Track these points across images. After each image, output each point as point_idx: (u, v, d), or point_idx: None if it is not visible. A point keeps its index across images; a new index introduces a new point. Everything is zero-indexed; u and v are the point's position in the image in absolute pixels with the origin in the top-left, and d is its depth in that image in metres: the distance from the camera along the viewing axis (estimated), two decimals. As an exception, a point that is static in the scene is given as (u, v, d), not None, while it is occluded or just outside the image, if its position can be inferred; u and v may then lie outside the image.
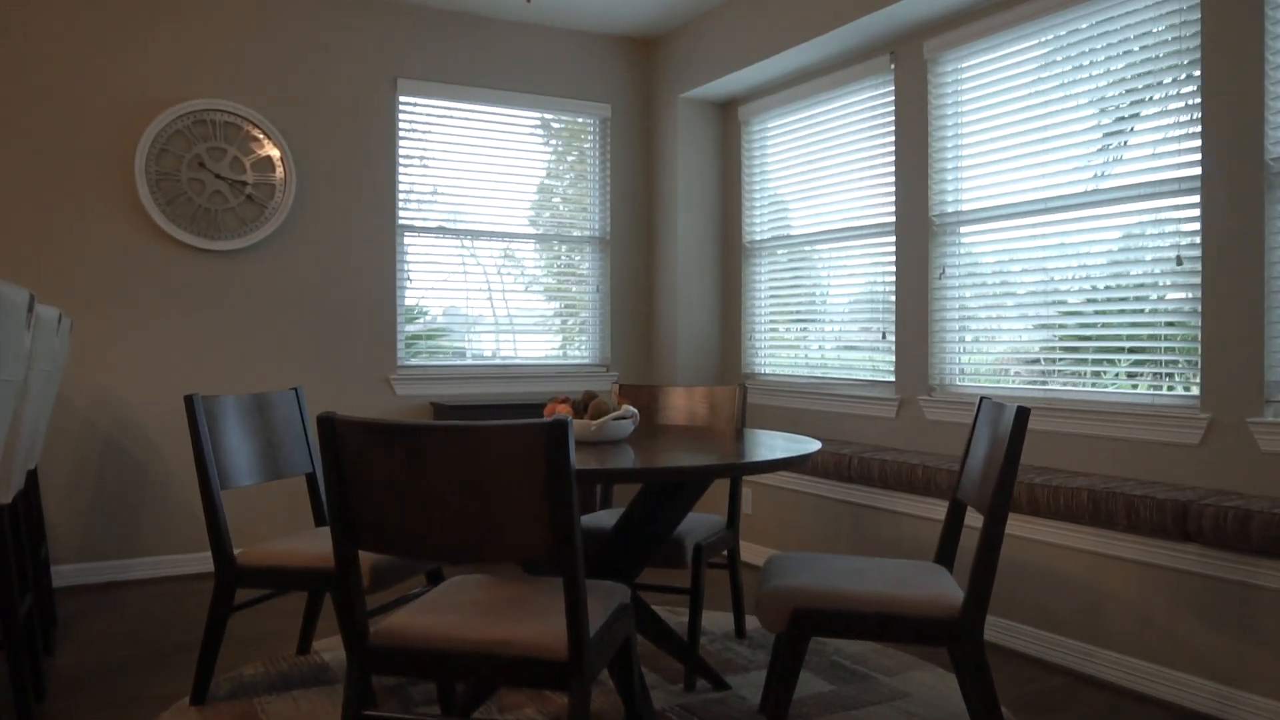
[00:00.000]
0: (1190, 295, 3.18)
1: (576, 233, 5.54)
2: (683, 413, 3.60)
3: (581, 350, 5.56)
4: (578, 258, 5.56)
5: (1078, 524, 3.15)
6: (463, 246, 5.23)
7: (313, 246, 4.80)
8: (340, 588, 2.03)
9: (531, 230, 5.42)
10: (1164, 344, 3.28)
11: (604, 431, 2.65)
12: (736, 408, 3.48)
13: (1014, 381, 3.86)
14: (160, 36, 4.49)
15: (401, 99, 5.04)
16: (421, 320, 5.19)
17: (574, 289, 5.55)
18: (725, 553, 3.37)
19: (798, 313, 5.05)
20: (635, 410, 2.73)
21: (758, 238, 5.33)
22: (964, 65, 4.06)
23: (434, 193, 5.15)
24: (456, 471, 1.88)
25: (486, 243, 5.29)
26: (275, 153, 4.68)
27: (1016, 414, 2.21)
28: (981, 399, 2.65)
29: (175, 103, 4.50)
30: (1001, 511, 2.22)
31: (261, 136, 4.66)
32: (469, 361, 5.25)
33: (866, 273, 4.59)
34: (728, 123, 5.52)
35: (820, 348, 4.91)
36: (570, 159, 5.55)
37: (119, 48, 4.42)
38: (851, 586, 2.30)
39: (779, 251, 5.19)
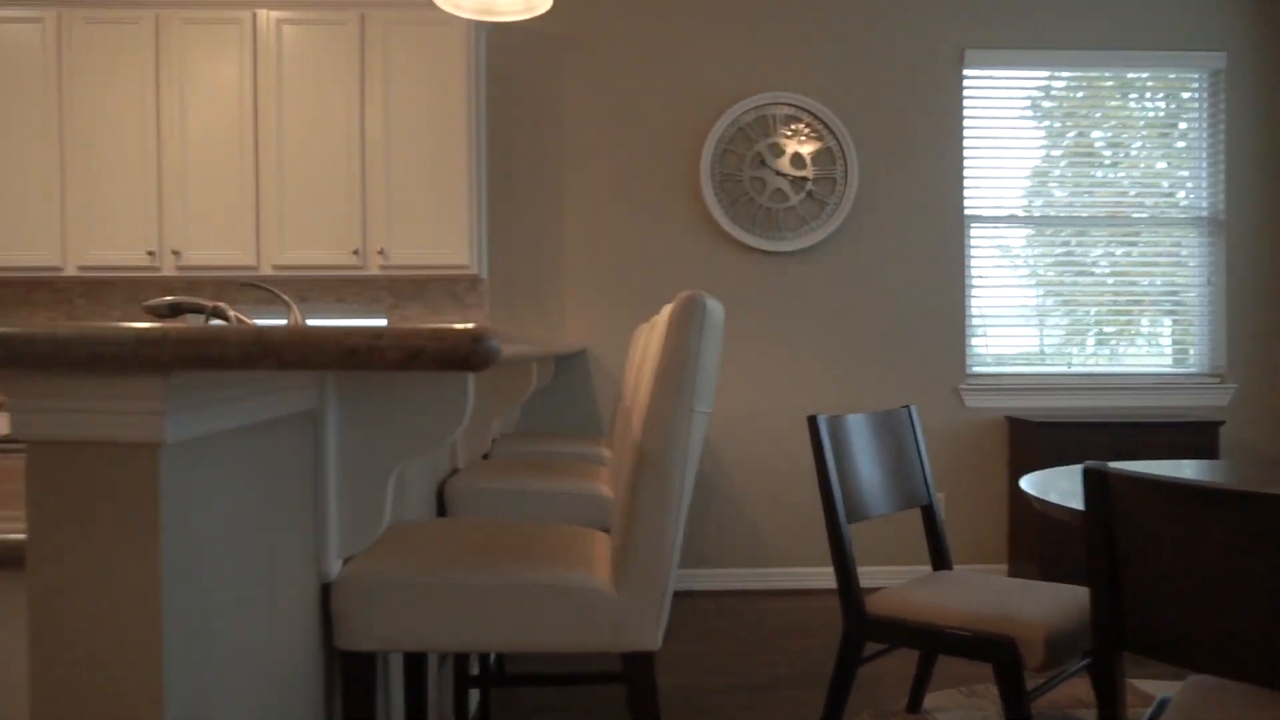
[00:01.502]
0: None
1: (1174, 213, 4.56)
2: None
3: (1186, 357, 4.57)
4: (1179, 243, 4.57)
5: None
6: (1036, 235, 4.52)
7: (873, 243, 4.40)
8: (1104, 712, 1.49)
9: (1110, 212, 4.54)
10: None
11: None
12: None
13: None
14: (718, 34, 4.36)
15: (967, 72, 4.46)
16: (987, 321, 4.57)
17: (1164, 281, 4.57)
18: None
19: None
20: None
21: None
22: None
23: (1003, 176, 4.50)
24: (1324, 565, 1.25)
25: (1057, 230, 4.53)
26: (835, 144, 4.35)
27: None
28: None
29: (736, 100, 4.34)
30: None
31: (821, 128, 4.35)
32: (1047, 369, 4.52)
33: None
34: (1403, 58, 4.20)
35: None
36: (1166, 124, 4.58)
37: (683, 52, 4.35)
38: None
39: None
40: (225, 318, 1.82)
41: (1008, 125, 4.50)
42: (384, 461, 1.44)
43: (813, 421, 2.51)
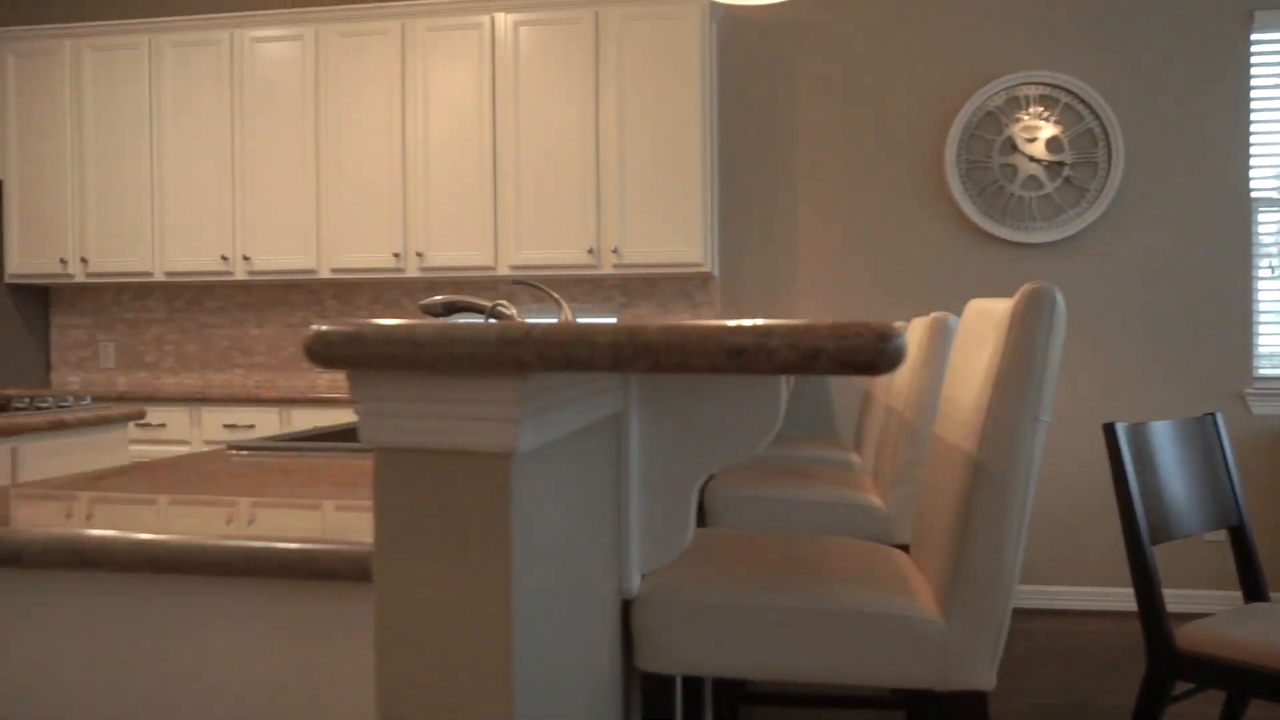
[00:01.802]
0: None
1: None
2: None
3: None
4: None
5: None
6: (1338, 221, 3.98)
7: (1139, 232, 3.99)
8: None
9: None
10: None
11: None
12: None
13: None
14: (961, 11, 4.07)
15: (1256, 37, 3.97)
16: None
17: None
18: None
19: None
20: None
21: None
22: None
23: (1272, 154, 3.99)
24: None
25: (1374, 214, 3.96)
26: (1097, 124, 3.97)
27: None
28: None
29: (984, 82, 4.05)
30: None
31: (1081, 107, 3.99)
32: (1346, 372, 3.97)
33: None
34: None
35: None
36: None
37: (923, 34, 4.10)
38: None
39: None
40: (505, 317, 1.78)
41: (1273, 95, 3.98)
42: (688, 471, 1.33)
43: (1110, 430, 2.25)
